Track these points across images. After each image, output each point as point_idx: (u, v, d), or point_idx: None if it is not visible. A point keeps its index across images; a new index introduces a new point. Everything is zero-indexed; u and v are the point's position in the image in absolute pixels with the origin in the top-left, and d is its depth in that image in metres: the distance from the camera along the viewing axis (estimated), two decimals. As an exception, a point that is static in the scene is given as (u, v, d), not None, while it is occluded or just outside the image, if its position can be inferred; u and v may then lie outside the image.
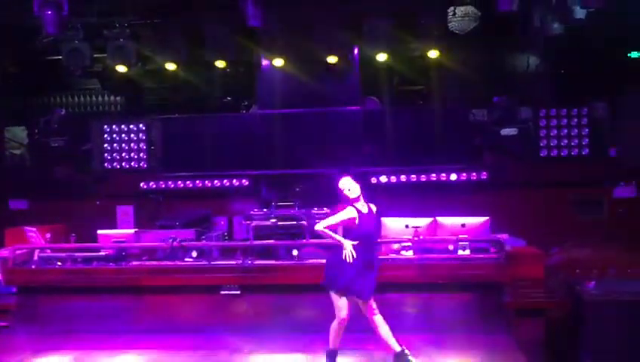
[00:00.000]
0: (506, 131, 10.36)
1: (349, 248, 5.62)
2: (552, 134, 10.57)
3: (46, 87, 12.79)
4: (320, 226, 5.71)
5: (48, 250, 8.17)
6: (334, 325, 5.79)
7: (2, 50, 10.25)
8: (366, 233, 5.72)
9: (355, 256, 5.62)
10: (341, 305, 5.70)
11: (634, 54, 9.99)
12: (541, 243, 7.80)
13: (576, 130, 10.52)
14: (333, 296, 5.71)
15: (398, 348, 5.80)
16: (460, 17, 8.44)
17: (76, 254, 8.08)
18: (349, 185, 5.73)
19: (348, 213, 5.71)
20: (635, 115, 10.09)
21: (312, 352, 6.40)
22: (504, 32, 10.09)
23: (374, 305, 5.79)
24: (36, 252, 8.10)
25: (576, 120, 10.54)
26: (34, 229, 8.47)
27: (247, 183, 10.85)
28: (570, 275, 7.73)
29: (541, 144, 10.59)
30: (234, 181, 10.87)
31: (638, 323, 6.72)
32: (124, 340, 7.27)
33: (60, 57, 10.48)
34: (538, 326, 6.85)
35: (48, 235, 8.50)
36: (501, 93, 10.51)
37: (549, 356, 6.75)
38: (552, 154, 10.58)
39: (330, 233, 5.70)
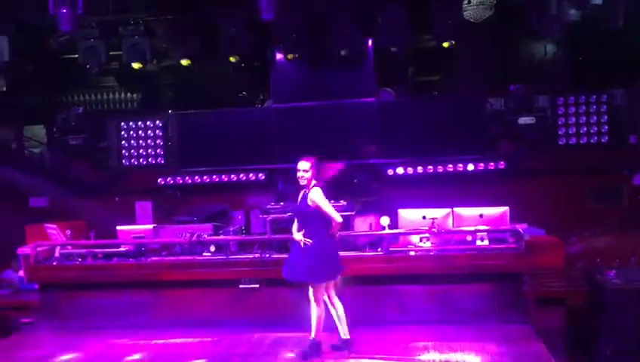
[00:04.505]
0: (523, 120, 10.24)
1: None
2: (570, 122, 10.42)
3: (63, 85, 12.91)
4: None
5: (69, 247, 8.25)
6: (323, 313, 6.01)
7: (19, 49, 10.34)
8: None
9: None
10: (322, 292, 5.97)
11: (652, 39, 9.82)
12: (560, 232, 7.73)
13: (594, 118, 10.36)
14: (319, 287, 5.93)
15: (313, 335, 6.02)
16: (475, 5, 8.37)
17: (96, 250, 8.17)
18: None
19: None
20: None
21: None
22: (520, 19, 9.97)
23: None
24: (57, 248, 8.18)
25: (594, 107, 10.38)
26: (54, 226, 8.53)
27: (263, 177, 10.87)
28: (590, 264, 7.68)
29: (559, 132, 10.44)
30: (250, 175, 10.90)
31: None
32: (144, 334, 7.34)
33: (77, 56, 10.57)
34: (558, 315, 6.80)
35: (68, 232, 8.55)
36: (518, 82, 10.40)
37: (569, 344, 6.71)
38: (570, 142, 10.42)
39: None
